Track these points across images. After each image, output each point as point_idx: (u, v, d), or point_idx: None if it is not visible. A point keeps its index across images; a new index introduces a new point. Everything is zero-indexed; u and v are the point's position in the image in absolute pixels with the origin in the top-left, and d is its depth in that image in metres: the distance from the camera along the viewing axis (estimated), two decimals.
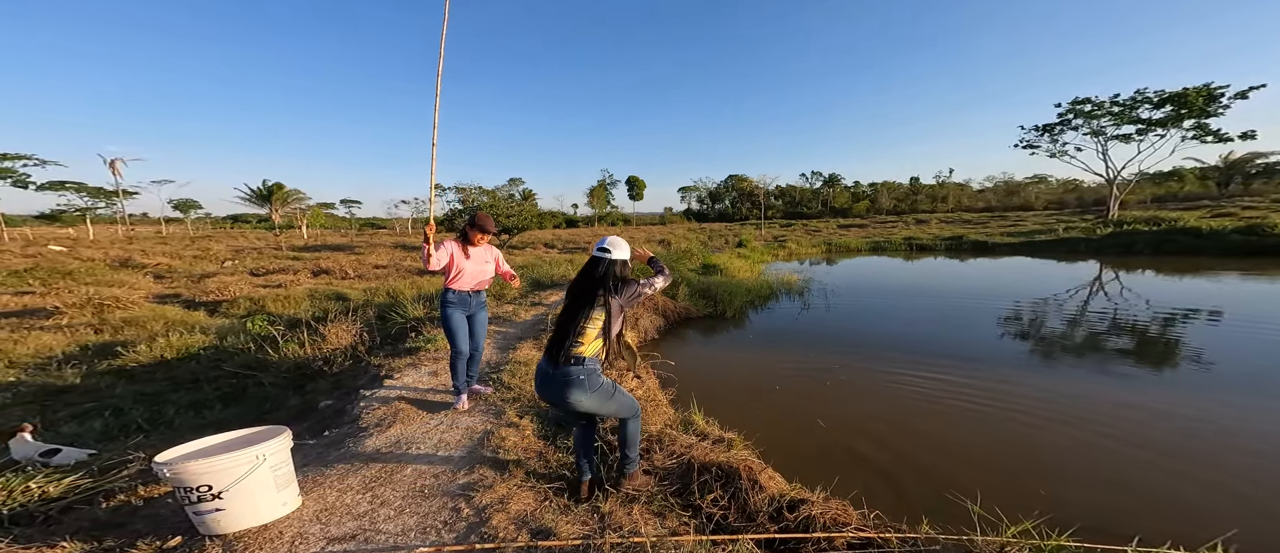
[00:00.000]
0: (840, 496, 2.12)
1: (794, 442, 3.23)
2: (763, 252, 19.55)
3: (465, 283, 2.93)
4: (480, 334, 3.10)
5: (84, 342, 6.32)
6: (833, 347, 5.74)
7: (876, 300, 8.75)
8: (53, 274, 12.74)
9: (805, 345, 5.89)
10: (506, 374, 3.63)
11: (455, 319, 2.93)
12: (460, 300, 2.94)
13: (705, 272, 11.05)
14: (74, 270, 13.44)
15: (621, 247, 1.99)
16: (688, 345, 6.26)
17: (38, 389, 4.54)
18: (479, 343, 3.10)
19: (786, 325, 7.04)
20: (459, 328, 2.93)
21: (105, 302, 7.83)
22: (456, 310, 2.94)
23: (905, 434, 3.39)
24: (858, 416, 3.72)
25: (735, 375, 4.88)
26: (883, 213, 57.25)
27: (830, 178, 69.81)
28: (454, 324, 2.92)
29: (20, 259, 15.57)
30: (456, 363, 3.00)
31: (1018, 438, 3.31)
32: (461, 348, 2.95)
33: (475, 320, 3.07)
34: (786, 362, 5.23)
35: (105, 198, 40.28)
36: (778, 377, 4.67)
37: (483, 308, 3.11)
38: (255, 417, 3.49)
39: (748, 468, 2.12)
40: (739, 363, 5.39)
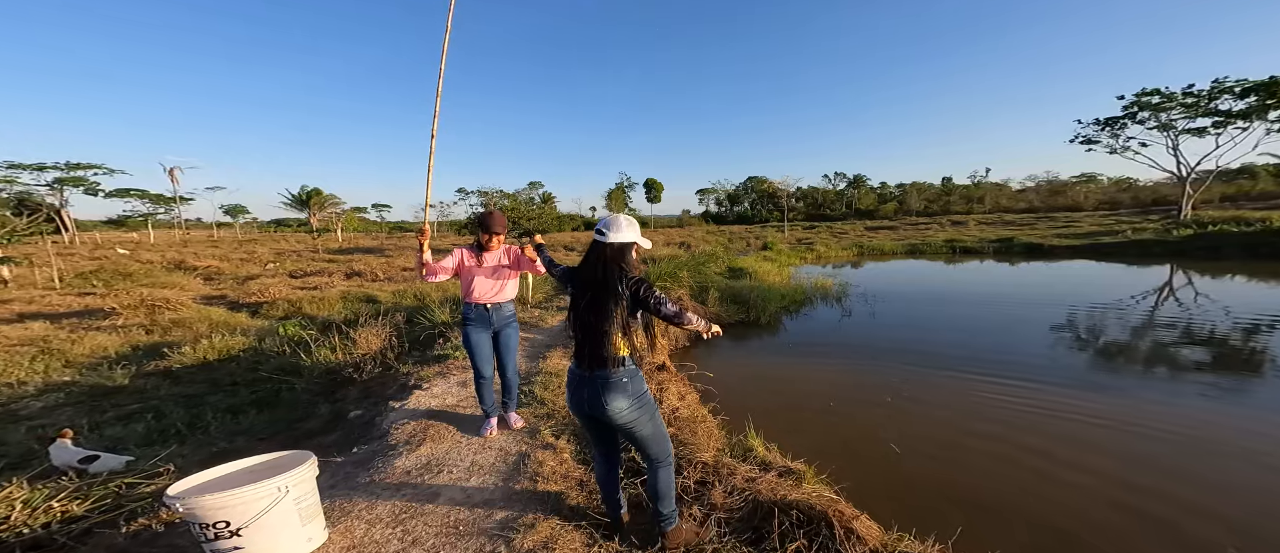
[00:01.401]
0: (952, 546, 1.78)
1: (870, 472, 2.82)
2: (789, 254, 18.92)
3: (481, 295, 2.53)
4: (508, 355, 2.64)
5: (136, 342, 6.59)
6: (887, 358, 5.27)
7: (926, 308, 8.14)
8: (115, 276, 13.63)
9: (855, 356, 5.45)
10: (538, 387, 3.43)
11: (474, 338, 2.55)
12: (479, 316, 2.55)
13: (732, 275, 10.67)
14: (133, 273, 14.34)
15: (622, 227, 1.60)
16: (722, 355, 5.92)
17: (89, 390, 4.68)
18: (508, 364, 2.66)
19: (828, 333, 6.59)
20: (478, 348, 2.55)
21: (156, 303, 8.19)
22: (475, 328, 2.56)
23: (1010, 463, 2.93)
24: (937, 439, 3.30)
25: (782, 390, 4.50)
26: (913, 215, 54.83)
27: (855, 179, 67.66)
28: (472, 344, 2.55)
29: (88, 262, 16.77)
30: (480, 386, 2.65)
31: (1164, 467, 2.81)
32: (482, 371, 2.59)
33: (501, 339, 2.63)
34: (838, 375, 4.82)
35: (164, 204, 43.39)
36: (831, 392, 4.27)
37: (510, 324, 2.66)
38: (286, 425, 3.42)
39: (837, 512, 1.79)
40: (783, 375, 5.00)
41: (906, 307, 8.17)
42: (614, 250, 1.58)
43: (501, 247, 2.60)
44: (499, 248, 2.59)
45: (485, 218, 2.54)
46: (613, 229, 1.59)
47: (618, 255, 1.58)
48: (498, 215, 2.57)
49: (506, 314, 2.65)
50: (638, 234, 1.64)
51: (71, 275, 13.50)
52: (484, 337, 2.58)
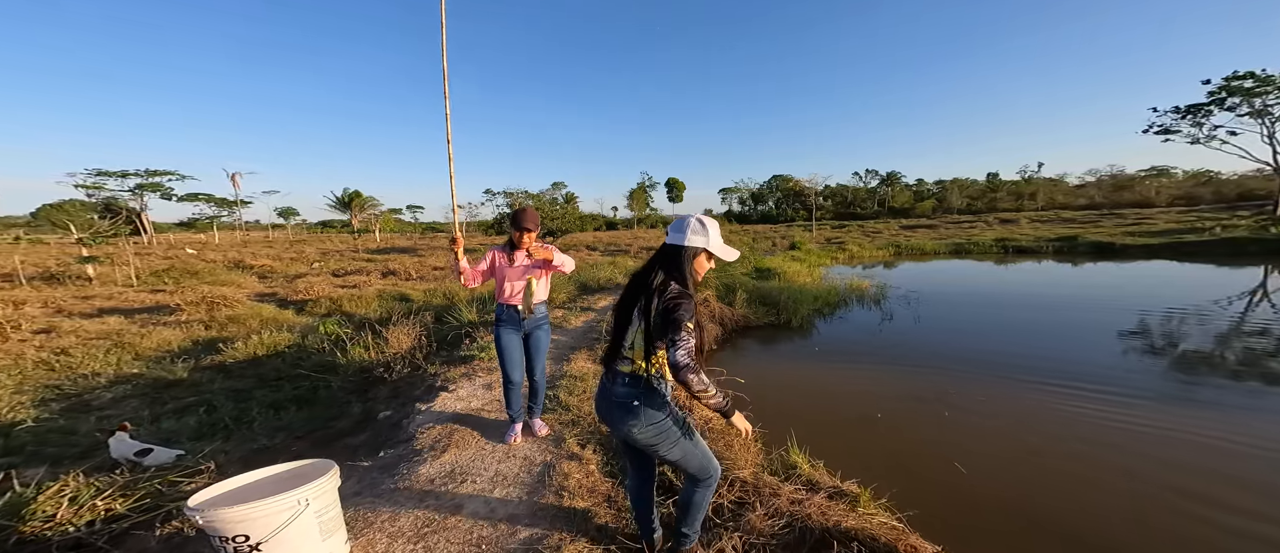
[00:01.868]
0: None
1: (929, 494, 2.53)
2: (819, 254, 18.17)
3: (512, 295, 2.46)
4: (537, 358, 2.56)
5: (196, 337, 7.07)
6: (936, 366, 4.86)
7: (976, 311, 7.52)
8: (183, 275, 14.84)
9: (899, 362, 5.05)
10: (562, 391, 3.34)
11: (504, 340, 2.48)
12: (510, 317, 2.49)
13: (759, 276, 10.31)
14: (199, 271, 15.57)
15: (688, 230, 1.36)
16: (752, 359, 5.66)
17: (153, 382, 5.01)
18: (536, 367, 2.58)
19: (867, 338, 6.17)
20: (506, 351, 2.48)
21: (215, 300, 8.79)
22: (506, 329, 2.49)
23: (1094, 487, 2.58)
24: (1003, 456, 2.96)
25: (821, 398, 4.22)
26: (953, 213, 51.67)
27: (888, 176, 64.52)
28: (501, 346, 2.49)
29: (161, 261, 18.38)
30: (507, 391, 2.58)
31: None
32: (510, 376, 2.50)
33: (532, 342, 2.55)
34: (882, 382, 4.47)
35: (227, 207, 47.23)
36: (877, 401, 3.95)
37: (541, 327, 2.57)
38: (322, 423, 3.49)
39: (908, 547, 1.54)
40: (821, 382, 4.69)
41: (954, 310, 7.59)
42: (670, 253, 1.38)
43: (532, 245, 2.51)
44: (530, 246, 2.50)
45: (517, 214, 2.43)
46: (677, 230, 1.39)
47: (673, 259, 1.37)
48: (530, 211, 2.43)
49: (538, 316, 2.56)
50: (711, 240, 1.38)
51: (146, 274, 14.80)
52: (514, 339, 2.50)
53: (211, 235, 48.21)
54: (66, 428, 3.76)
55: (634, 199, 58.58)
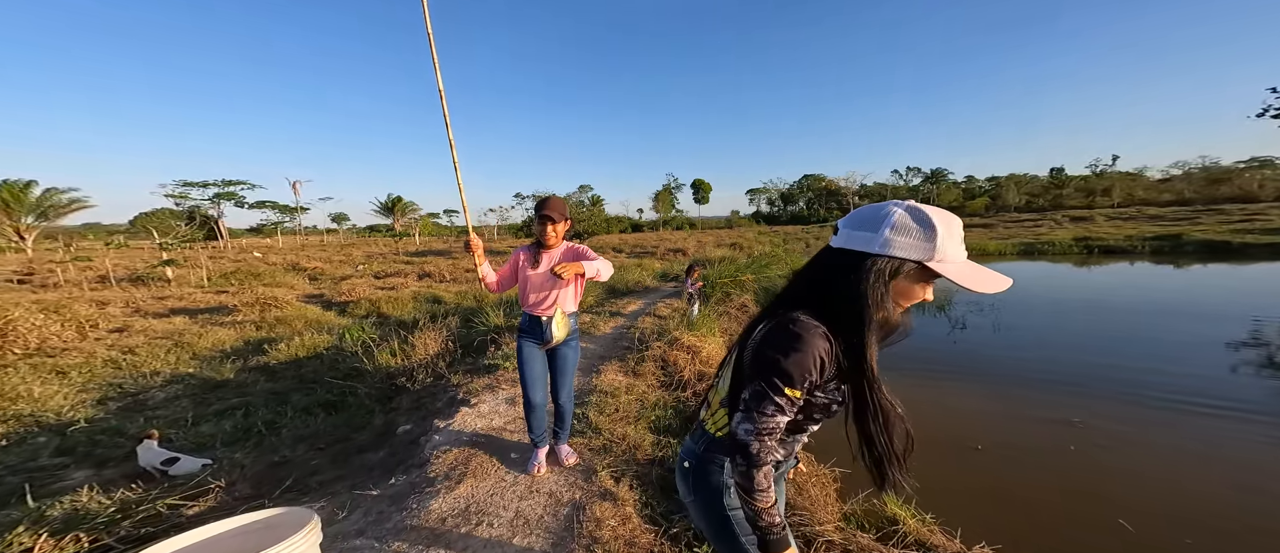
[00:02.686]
0: None
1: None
2: None
3: (537, 303, 2.11)
4: (564, 376, 2.22)
5: (248, 337, 7.40)
6: (1039, 383, 4.17)
7: (1071, 319, 6.56)
8: (247, 277, 16.00)
9: (987, 379, 4.34)
10: (593, 409, 2.99)
11: (526, 354, 2.17)
12: (533, 328, 2.14)
13: None
14: (261, 273, 16.73)
15: (910, 229, 0.77)
16: None
17: (201, 383, 5.18)
18: (562, 386, 2.24)
19: (938, 348, 5.43)
20: (528, 365, 2.16)
21: (267, 302, 9.25)
22: (529, 342, 2.17)
23: None
24: (1183, 513, 2.30)
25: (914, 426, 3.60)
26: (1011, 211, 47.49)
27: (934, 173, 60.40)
28: (523, 361, 2.17)
29: (231, 264, 20.00)
30: (528, 413, 2.25)
31: None
32: (531, 396, 2.19)
33: (558, 359, 2.21)
34: (972, 402, 3.82)
35: (288, 213, 51.30)
36: (973, 425, 3.33)
37: (569, 342, 2.21)
38: (345, 433, 3.36)
39: None
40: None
41: (1041, 318, 6.66)
42: (831, 263, 0.84)
43: (562, 245, 2.15)
44: (558, 244, 2.13)
45: (539, 204, 2.09)
46: (858, 223, 0.82)
47: (835, 272, 0.82)
48: (554, 200, 2.08)
49: (570, 329, 2.23)
50: (937, 247, 0.76)
51: (217, 276, 16.06)
52: (537, 354, 2.19)
53: (276, 240, 52.59)
54: (116, 428, 3.85)
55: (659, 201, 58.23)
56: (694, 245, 22.24)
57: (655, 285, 10.82)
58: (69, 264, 15.69)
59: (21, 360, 5.61)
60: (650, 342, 4.38)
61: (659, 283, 11.16)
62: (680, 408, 3.09)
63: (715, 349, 4.05)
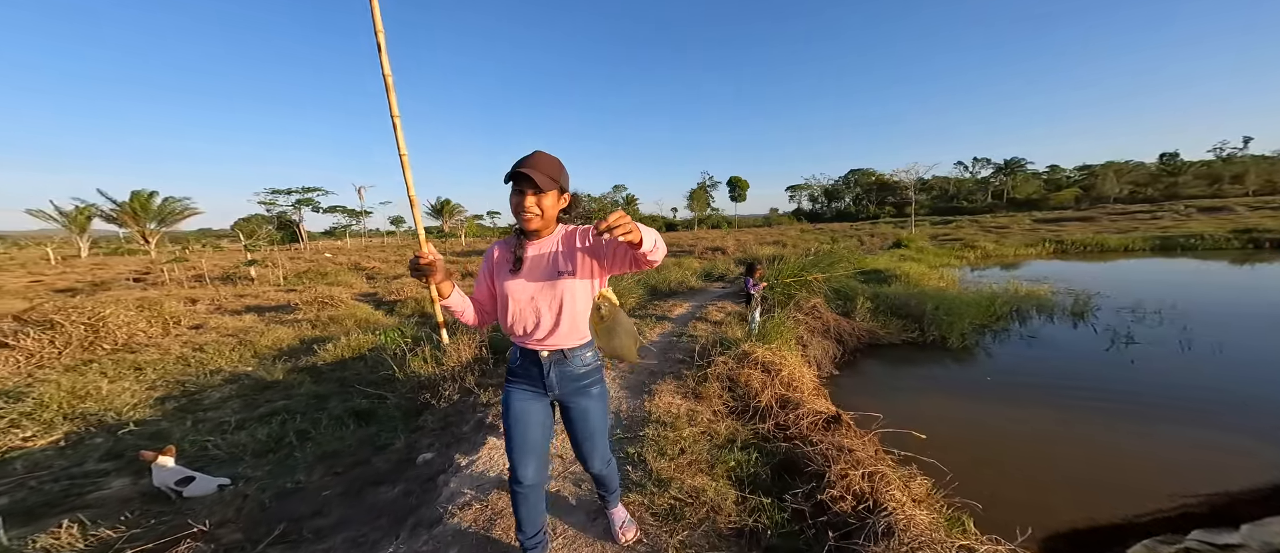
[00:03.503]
0: None
1: None
2: (937, 253, 15.12)
3: (524, 326, 1.34)
4: (589, 439, 1.45)
5: (303, 336, 7.61)
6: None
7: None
8: (316, 277, 17.22)
9: (1205, 422, 3.11)
10: (650, 448, 2.35)
11: (512, 405, 1.38)
12: (526, 368, 1.38)
13: (867, 278, 8.39)
14: (328, 273, 17.97)
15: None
16: (902, 395, 4.14)
17: (254, 383, 5.19)
18: (591, 452, 1.48)
19: (1093, 370, 4.18)
20: (518, 427, 1.37)
21: (325, 300, 9.59)
22: (520, 389, 1.38)
23: None
24: None
25: (1099, 483, 2.54)
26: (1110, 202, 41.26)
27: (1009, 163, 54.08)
28: (508, 414, 1.39)
29: (305, 264, 21.76)
30: (516, 499, 1.42)
31: None
32: (518, 471, 1.38)
33: (573, 414, 1.42)
34: (1196, 457, 2.70)
35: (355, 217, 55.96)
36: (1199, 489, 2.32)
37: (587, 385, 1.40)
38: (369, 452, 2.99)
39: None
40: (1074, 451, 2.96)
41: (1252, 335, 4.97)
42: None
43: (558, 229, 1.34)
44: (552, 230, 1.33)
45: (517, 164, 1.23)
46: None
47: None
48: (541, 157, 1.23)
49: (580, 366, 1.38)
50: None
51: (292, 275, 17.42)
52: (534, 406, 1.38)
53: (344, 242, 57.50)
54: (165, 432, 3.80)
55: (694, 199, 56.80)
56: (733, 244, 21.06)
57: (700, 286, 10.04)
58: (174, 265, 17.72)
59: (107, 356, 5.98)
60: (712, 354, 3.67)
61: (704, 283, 10.36)
62: (764, 447, 2.36)
63: (796, 367, 3.25)
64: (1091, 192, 45.83)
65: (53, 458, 3.41)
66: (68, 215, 29.09)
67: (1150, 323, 5.29)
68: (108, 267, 21.37)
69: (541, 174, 1.21)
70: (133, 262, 24.60)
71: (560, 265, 1.29)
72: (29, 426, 3.89)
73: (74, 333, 6.12)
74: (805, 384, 3.10)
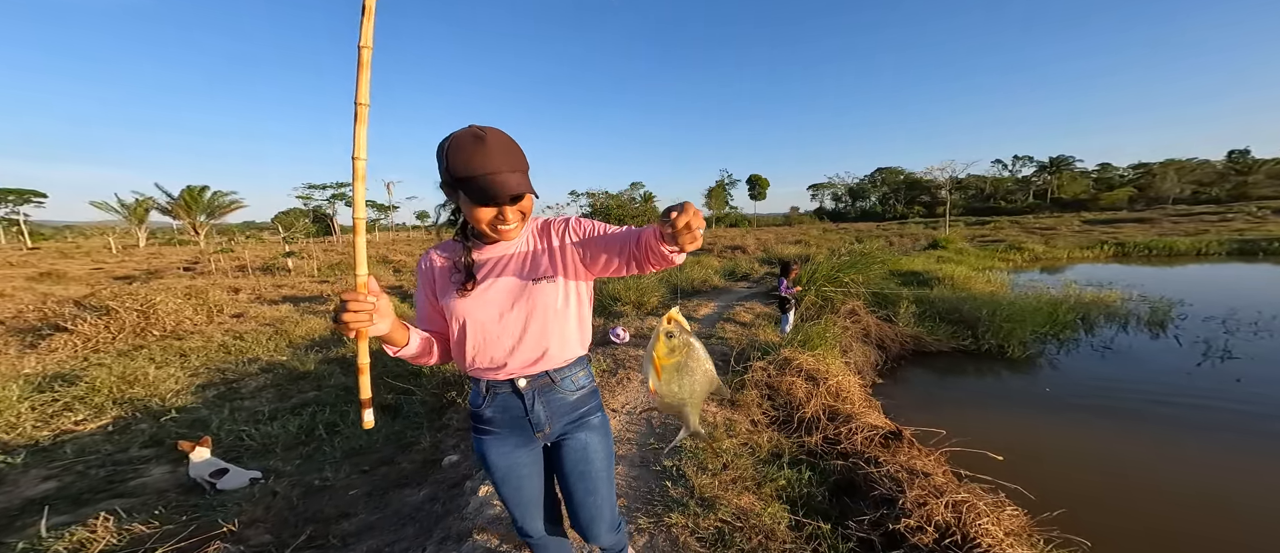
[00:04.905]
0: None
1: None
2: (979, 255, 14.28)
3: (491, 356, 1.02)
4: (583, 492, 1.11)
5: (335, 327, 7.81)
6: None
7: None
8: (347, 268, 17.85)
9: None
10: (689, 462, 2.16)
11: (496, 465, 1.09)
12: (500, 411, 1.06)
13: (906, 281, 7.90)
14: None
15: None
16: (958, 408, 3.78)
17: (288, 373, 5.30)
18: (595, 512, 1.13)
19: (1199, 388, 3.69)
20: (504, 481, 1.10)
21: None
22: (494, 440, 1.08)
23: None
24: None
25: (1221, 518, 2.19)
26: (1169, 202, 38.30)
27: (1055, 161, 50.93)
28: (494, 475, 1.10)
29: (337, 256, 22.61)
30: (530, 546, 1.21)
31: None
32: (523, 526, 1.14)
33: (567, 456, 1.10)
34: None
35: (384, 211, 58.03)
36: None
37: (585, 417, 1.12)
38: (393, 450, 2.95)
39: None
40: (1180, 480, 2.56)
41: None
42: None
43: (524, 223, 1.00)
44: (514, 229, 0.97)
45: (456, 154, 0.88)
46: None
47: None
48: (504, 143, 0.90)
49: (573, 390, 1.10)
50: None
51: (325, 267, 18.11)
52: (519, 456, 1.09)
53: (373, 235, 59.65)
54: (204, 420, 3.88)
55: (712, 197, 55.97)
56: (754, 243, 20.52)
57: (723, 285, 9.75)
58: (220, 255, 18.72)
59: (156, 342, 6.26)
60: (749, 359, 3.45)
61: (727, 283, 10.07)
62: (816, 464, 2.12)
63: (843, 376, 2.99)
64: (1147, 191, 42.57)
65: (100, 443, 3.52)
66: (128, 207, 31.31)
67: (1245, 335, 4.68)
68: (162, 256, 22.83)
69: (519, 173, 0.90)
70: (184, 252, 26.20)
71: (536, 269, 1.00)
72: (81, 409, 4.06)
73: (128, 319, 6.43)
74: (854, 394, 2.84)
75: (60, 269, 16.59)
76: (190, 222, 31.90)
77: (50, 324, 6.39)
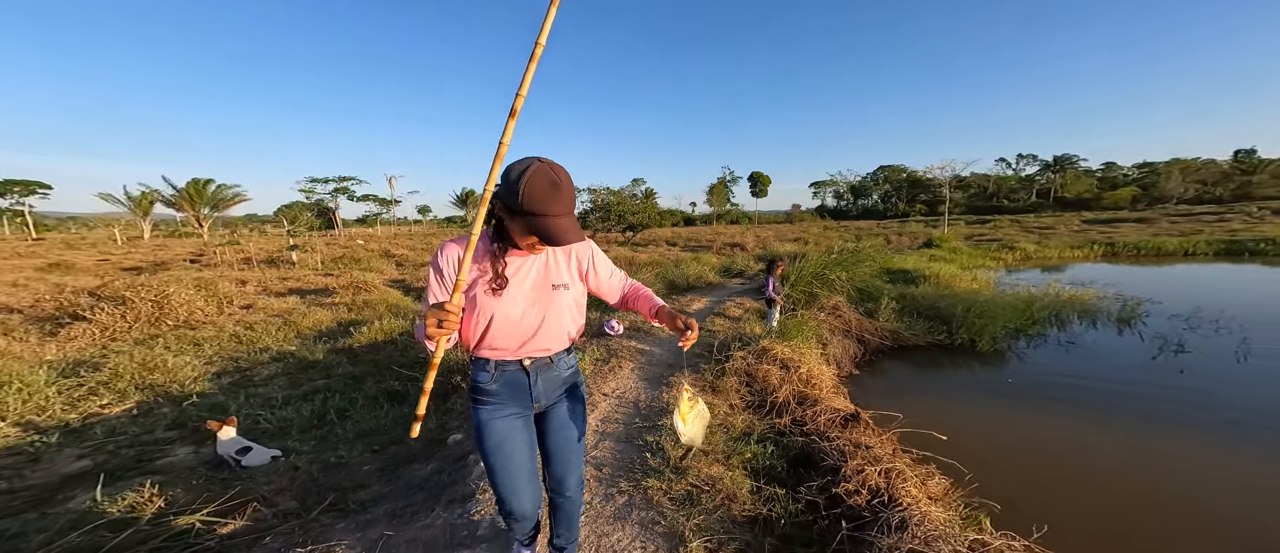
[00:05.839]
0: None
1: None
2: (972, 254, 14.47)
3: (511, 340, 1.22)
4: (563, 449, 1.33)
5: (340, 319, 8.06)
6: None
7: None
8: (350, 262, 18.09)
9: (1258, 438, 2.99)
10: (667, 439, 2.43)
11: (494, 432, 1.25)
12: (505, 386, 1.25)
13: (894, 279, 8.14)
14: (361, 259, 18.83)
15: None
16: (925, 397, 4.06)
17: (297, 362, 5.56)
18: (568, 474, 1.35)
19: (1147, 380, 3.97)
20: (499, 448, 1.25)
21: (359, 285, 10.10)
22: (498, 411, 1.25)
23: None
24: None
25: (1142, 492, 2.48)
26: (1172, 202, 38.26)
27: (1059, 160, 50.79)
28: (489, 443, 1.25)
29: (340, 250, 22.85)
30: (510, 535, 1.42)
31: None
32: (508, 501, 1.27)
33: (551, 423, 1.32)
34: (1245, 474, 2.60)
35: (385, 205, 58.19)
36: (1252, 513, 2.22)
37: (568, 390, 1.35)
38: (401, 433, 3.19)
39: None
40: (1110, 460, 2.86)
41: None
42: None
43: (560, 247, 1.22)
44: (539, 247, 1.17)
45: (535, 188, 1.05)
46: None
47: None
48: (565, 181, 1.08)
49: (566, 368, 1.33)
50: None
51: (328, 260, 18.36)
52: (516, 428, 1.26)
53: (375, 229, 59.91)
54: (222, 405, 4.14)
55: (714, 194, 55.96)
56: (753, 240, 20.71)
57: (718, 281, 9.99)
58: (225, 248, 18.99)
59: (170, 331, 6.52)
60: (731, 349, 3.70)
61: (722, 279, 10.30)
62: (780, 441, 2.39)
63: (815, 364, 3.24)
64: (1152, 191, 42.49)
65: (126, 425, 3.78)
66: (134, 199, 31.54)
67: (1206, 332, 4.93)
68: (167, 248, 23.10)
69: (574, 218, 1.11)
70: (188, 244, 26.45)
71: (557, 277, 1.23)
72: (105, 394, 4.32)
73: (143, 309, 6.69)
74: (824, 382, 3.09)
75: (68, 260, 16.86)
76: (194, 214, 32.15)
77: (68, 313, 6.65)
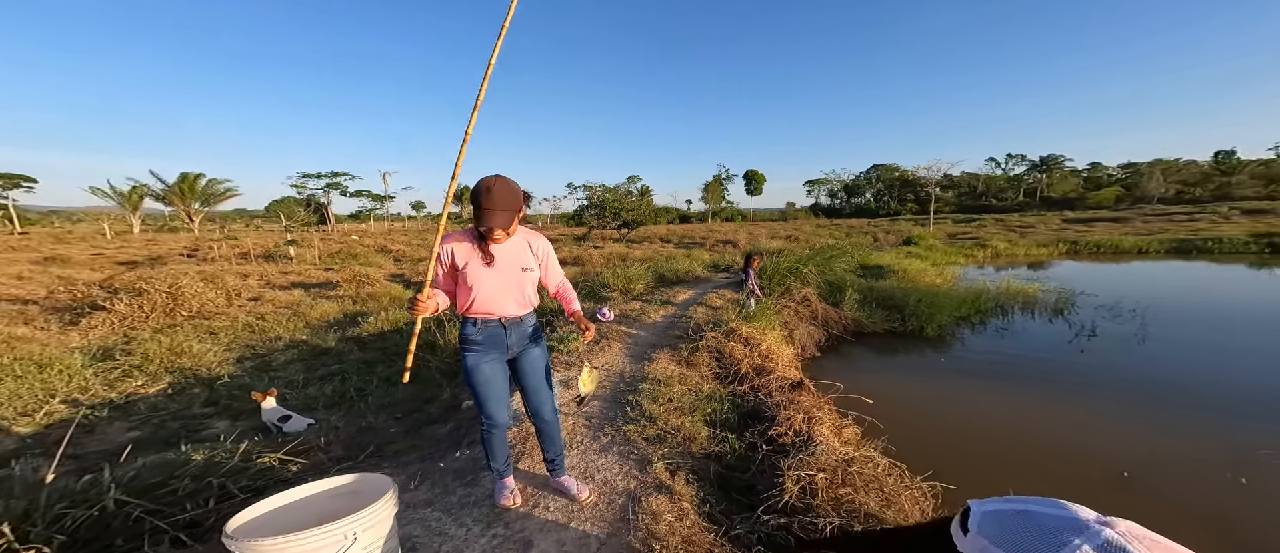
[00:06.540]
0: None
1: None
2: (946, 252, 15.17)
3: (491, 304, 1.69)
4: (540, 384, 1.84)
5: (346, 310, 8.47)
6: (1211, 407, 3.40)
7: (1266, 335, 5.22)
8: (347, 257, 18.35)
9: (1137, 398, 3.61)
10: (645, 398, 2.95)
11: (483, 371, 1.72)
12: (489, 336, 1.72)
13: (867, 274, 8.75)
14: (358, 254, 19.09)
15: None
16: (873, 373, 4.65)
17: (311, 350, 5.99)
18: (542, 401, 1.85)
19: (1051, 357, 4.65)
20: (488, 384, 1.73)
21: (362, 279, 10.48)
22: (481, 355, 1.72)
23: None
24: None
25: (1010, 438, 3.13)
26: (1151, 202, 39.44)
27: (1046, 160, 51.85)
28: (478, 378, 1.72)
29: (336, 245, 23.03)
30: (489, 437, 1.82)
31: None
32: (494, 415, 1.76)
33: (524, 363, 1.81)
34: (1114, 425, 3.21)
35: (379, 201, 57.87)
36: (1118, 452, 2.81)
37: (533, 340, 1.83)
38: (419, 404, 3.66)
39: None
40: (997, 412, 3.55)
41: (1210, 330, 5.38)
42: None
43: (516, 237, 1.72)
44: (509, 237, 1.68)
45: (477, 194, 1.56)
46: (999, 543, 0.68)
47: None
48: (501, 192, 1.57)
49: (530, 325, 1.82)
50: None
51: (326, 255, 18.59)
52: (496, 367, 1.75)
53: (370, 226, 59.67)
54: (249, 386, 4.58)
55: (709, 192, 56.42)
56: (745, 237, 21.31)
57: (706, 276, 10.53)
58: (223, 242, 19.13)
59: (185, 321, 6.90)
60: (705, 331, 4.24)
61: (710, 274, 10.85)
62: (737, 402, 2.94)
63: (775, 343, 3.80)
64: (1134, 191, 43.72)
65: (165, 403, 4.21)
66: (123, 194, 31.29)
67: (1122, 320, 5.59)
68: (159, 243, 23.07)
69: (506, 212, 1.58)
70: (181, 239, 26.38)
71: (525, 262, 1.74)
72: (138, 376, 4.74)
73: (158, 300, 7.05)
74: (780, 357, 3.64)
75: (62, 254, 16.92)
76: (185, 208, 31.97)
77: (87, 304, 6.99)
